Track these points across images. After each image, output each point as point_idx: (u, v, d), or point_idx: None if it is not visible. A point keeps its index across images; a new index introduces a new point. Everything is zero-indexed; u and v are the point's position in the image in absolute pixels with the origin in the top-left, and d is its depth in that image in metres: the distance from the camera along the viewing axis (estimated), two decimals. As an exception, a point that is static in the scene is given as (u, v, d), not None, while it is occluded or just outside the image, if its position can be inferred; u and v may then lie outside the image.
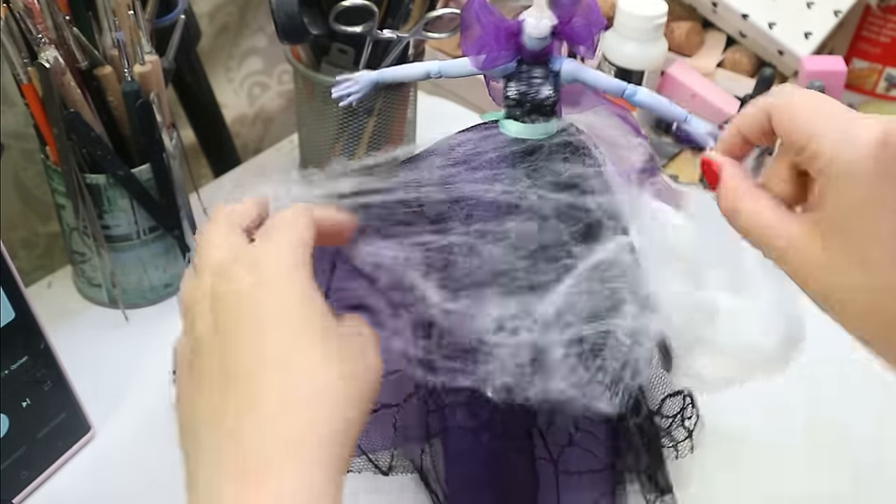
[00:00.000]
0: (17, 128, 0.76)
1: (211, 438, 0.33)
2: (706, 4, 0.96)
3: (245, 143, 1.06)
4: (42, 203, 0.82)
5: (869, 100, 1.06)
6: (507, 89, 0.45)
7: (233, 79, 1.03)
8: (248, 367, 0.33)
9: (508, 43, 0.43)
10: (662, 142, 0.96)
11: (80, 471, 0.53)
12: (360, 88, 0.48)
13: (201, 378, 0.35)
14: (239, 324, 0.35)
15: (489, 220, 0.43)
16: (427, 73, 0.47)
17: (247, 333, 0.34)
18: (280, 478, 0.31)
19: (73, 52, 0.55)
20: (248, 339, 0.34)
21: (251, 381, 0.33)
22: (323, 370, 0.34)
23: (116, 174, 0.58)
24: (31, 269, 0.84)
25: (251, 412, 0.33)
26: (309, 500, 0.31)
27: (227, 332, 0.35)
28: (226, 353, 0.34)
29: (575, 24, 0.42)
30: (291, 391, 0.33)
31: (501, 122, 0.46)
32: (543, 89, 0.44)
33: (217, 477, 0.32)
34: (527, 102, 0.44)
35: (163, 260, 0.64)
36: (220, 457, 0.33)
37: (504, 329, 0.40)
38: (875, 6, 1.02)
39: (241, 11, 0.99)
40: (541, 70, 0.44)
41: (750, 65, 0.96)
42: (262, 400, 0.33)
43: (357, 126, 0.72)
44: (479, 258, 0.42)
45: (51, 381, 0.52)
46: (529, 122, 0.45)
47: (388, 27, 0.67)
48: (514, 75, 0.44)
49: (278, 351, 0.34)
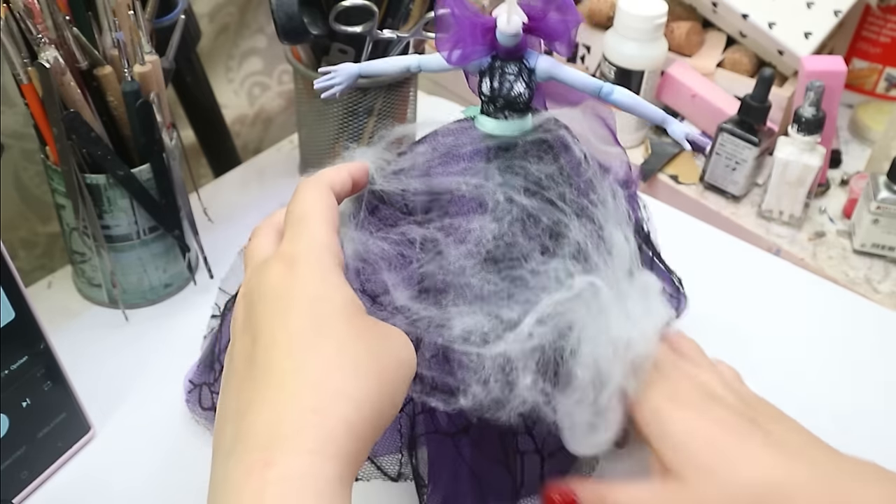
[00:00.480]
0: (17, 128, 0.76)
1: (234, 431, 0.33)
2: (706, 4, 0.96)
3: (245, 143, 1.06)
4: (42, 203, 0.82)
5: (869, 100, 1.06)
6: (481, 85, 0.45)
7: (233, 79, 1.03)
8: (271, 354, 0.33)
9: (483, 39, 0.43)
10: (662, 142, 0.96)
11: (80, 471, 0.53)
12: (342, 80, 0.47)
13: (232, 378, 0.35)
14: (266, 316, 0.34)
15: (457, 215, 0.43)
16: (407, 68, 0.47)
17: (275, 322, 0.34)
18: (287, 460, 0.30)
19: (73, 52, 0.55)
20: (274, 328, 0.34)
21: (272, 364, 0.33)
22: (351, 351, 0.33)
23: (116, 174, 0.58)
24: (31, 269, 0.84)
25: (267, 392, 0.32)
26: (316, 489, 0.30)
27: (257, 326, 0.34)
28: (253, 347, 0.34)
29: (550, 21, 0.42)
30: (310, 373, 0.32)
31: (476, 118, 0.46)
32: (517, 86, 0.44)
33: (228, 459, 0.32)
34: (500, 98, 0.44)
35: (163, 260, 0.64)
36: (235, 441, 0.32)
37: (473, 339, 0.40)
38: (875, 6, 1.02)
39: (241, 11, 0.99)
40: (514, 66, 0.44)
41: (750, 65, 0.96)
42: (279, 383, 0.32)
43: (357, 126, 0.72)
44: (442, 259, 0.42)
45: (51, 381, 0.52)
46: (503, 119, 0.45)
47: (388, 27, 0.67)
48: (487, 71, 0.44)
49: (300, 338, 0.33)
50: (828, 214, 0.89)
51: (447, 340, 0.41)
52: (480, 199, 0.43)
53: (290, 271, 0.35)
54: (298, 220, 0.38)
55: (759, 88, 0.84)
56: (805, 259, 0.83)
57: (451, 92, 0.99)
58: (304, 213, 0.38)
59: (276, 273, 0.36)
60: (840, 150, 0.97)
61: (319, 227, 0.37)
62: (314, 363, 0.32)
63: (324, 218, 0.38)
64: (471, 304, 0.41)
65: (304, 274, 0.35)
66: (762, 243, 0.84)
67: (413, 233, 0.43)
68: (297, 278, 0.35)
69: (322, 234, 0.37)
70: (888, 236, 0.82)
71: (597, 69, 0.99)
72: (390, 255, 0.43)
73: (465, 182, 0.43)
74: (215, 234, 0.70)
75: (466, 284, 0.41)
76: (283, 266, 0.36)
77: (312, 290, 0.35)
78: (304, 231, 0.37)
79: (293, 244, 0.37)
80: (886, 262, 0.83)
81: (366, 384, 0.33)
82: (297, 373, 0.32)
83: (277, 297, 0.35)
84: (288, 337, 0.33)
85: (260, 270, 0.37)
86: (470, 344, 0.40)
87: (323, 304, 0.34)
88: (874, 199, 0.80)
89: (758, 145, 0.85)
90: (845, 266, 0.83)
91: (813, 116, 0.80)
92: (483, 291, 0.41)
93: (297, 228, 0.38)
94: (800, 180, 0.83)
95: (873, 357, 0.64)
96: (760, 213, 0.87)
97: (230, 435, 0.33)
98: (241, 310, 0.37)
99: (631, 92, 0.46)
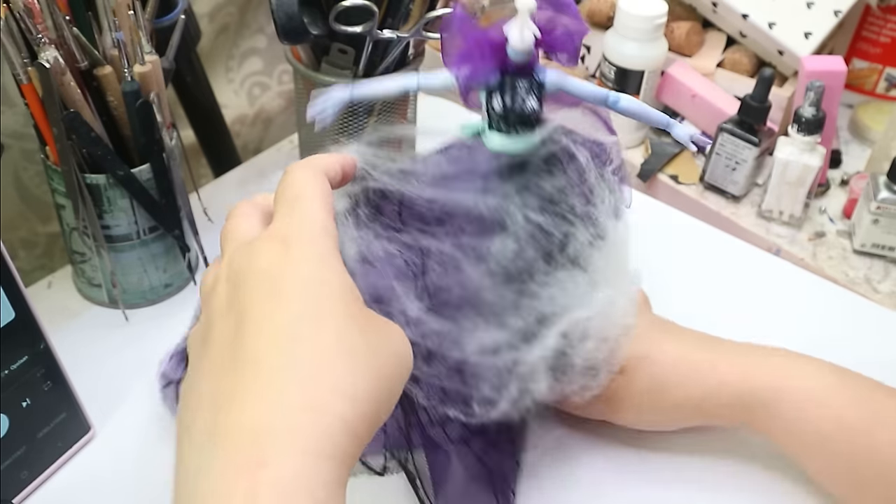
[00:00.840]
0: (17, 128, 0.76)
1: (211, 420, 0.30)
2: (706, 4, 0.96)
3: (245, 143, 1.06)
4: (42, 203, 0.82)
5: (869, 100, 1.06)
6: (491, 102, 0.43)
7: (233, 79, 1.03)
8: (259, 341, 0.31)
9: (493, 56, 0.42)
10: (662, 142, 0.96)
11: (80, 471, 0.53)
12: (332, 105, 0.46)
13: (209, 363, 0.32)
14: (255, 300, 0.32)
15: (474, 235, 0.42)
16: (405, 89, 0.46)
17: (265, 307, 0.31)
18: (281, 461, 0.28)
19: (73, 52, 0.55)
20: (264, 313, 0.31)
21: (261, 353, 0.30)
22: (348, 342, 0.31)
23: (116, 174, 0.58)
24: (31, 269, 0.84)
25: (254, 384, 0.30)
26: (311, 491, 0.28)
27: (245, 310, 0.32)
28: (238, 331, 0.32)
29: (557, 33, 0.42)
30: (304, 366, 0.30)
31: (484, 135, 0.44)
32: (529, 101, 0.43)
33: (204, 452, 0.30)
34: (512, 115, 0.43)
35: (163, 260, 0.64)
36: (213, 434, 0.30)
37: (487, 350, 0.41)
38: (875, 6, 1.02)
39: (241, 11, 0.99)
40: (525, 82, 0.43)
41: (750, 65, 0.96)
42: (268, 376, 0.30)
43: (357, 126, 0.72)
44: (459, 275, 0.42)
45: (51, 381, 0.52)
46: (514, 135, 0.44)
47: (388, 27, 0.67)
48: (497, 88, 0.43)
49: (293, 325, 0.31)
50: (828, 214, 0.89)
51: (466, 354, 0.41)
52: (500, 220, 0.42)
53: (284, 252, 0.33)
54: (293, 200, 0.35)
55: (759, 88, 0.84)
56: (805, 259, 0.83)
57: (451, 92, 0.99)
58: (298, 193, 0.36)
59: (269, 253, 0.33)
60: (840, 150, 0.97)
61: (316, 207, 0.35)
62: (308, 354, 0.30)
63: (320, 199, 0.36)
64: (488, 319, 0.41)
65: (300, 255, 0.33)
66: (762, 243, 0.84)
67: (425, 242, 0.43)
68: (291, 260, 0.32)
69: (319, 214, 0.35)
70: (888, 236, 0.82)
71: (597, 69, 0.99)
72: (398, 261, 0.42)
73: (483, 201, 0.43)
74: (215, 234, 0.70)
75: (485, 301, 0.41)
76: (277, 246, 0.33)
77: (308, 273, 0.32)
78: (300, 210, 0.35)
79: (287, 224, 0.34)
80: (886, 262, 0.83)
81: (363, 380, 0.31)
82: (289, 364, 0.30)
83: (269, 278, 0.32)
84: (280, 324, 0.31)
85: (248, 250, 0.34)
86: (488, 356, 0.40)
87: (320, 289, 0.32)
88: (874, 200, 0.80)
89: (758, 145, 0.85)
90: (845, 266, 0.83)
91: (813, 116, 0.80)
92: (501, 307, 0.41)
93: (290, 207, 0.35)
94: (800, 180, 0.83)
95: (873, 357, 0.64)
96: (760, 213, 0.87)
97: (204, 425, 0.30)
98: (223, 290, 0.34)
99: (636, 98, 0.46)
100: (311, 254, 0.33)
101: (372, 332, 0.32)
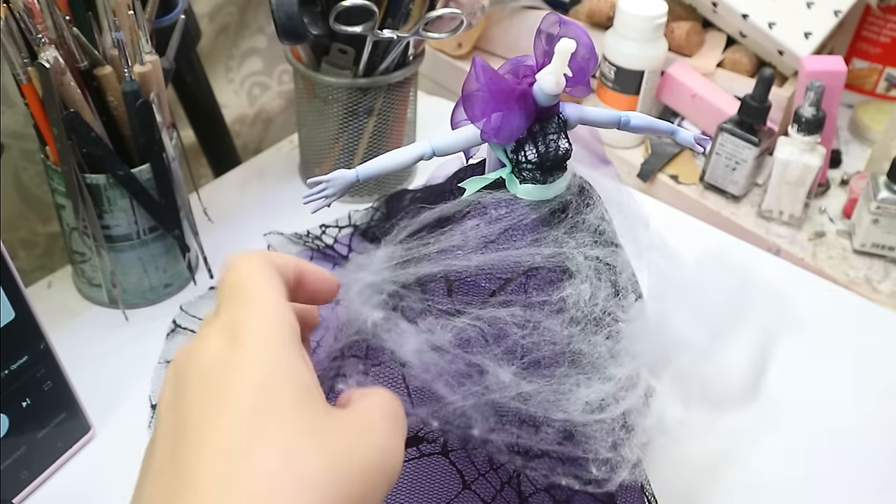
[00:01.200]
0: (17, 128, 0.76)
1: None
2: (706, 4, 0.96)
3: (245, 143, 1.06)
4: (42, 203, 0.82)
5: (869, 100, 1.06)
6: (524, 153, 0.40)
7: (233, 79, 1.03)
8: (200, 457, 0.26)
9: (524, 107, 0.40)
10: (662, 142, 0.96)
11: (80, 471, 0.53)
12: (336, 191, 0.42)
13: (155, 468, 0.28)
14: (196, 404, 0.28)
15: (541, 290, 0.40)
16: (419, 157, 0.42)
17: (207, 413, 0.27)
18: None
19: (73, 52, 0.55)
20: (205, 420, 0.27)
21: (200, 466, 0.26)
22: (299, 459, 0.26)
23: (116, 174, 0.58)
24: (31, 269, 0.84)
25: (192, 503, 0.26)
26: None
27: (185, 414, 0.28)
28: (180, 440, 0.28)
29: (575, 68, 0.39)
30: (245, 487, 0.26)
31: (515, 189, 0.42)
32: (562, 143, 0.41)
33: None
34: (549, 161, 0.40)
35: (163, 260, 0.64)
36: None
37: (594, 408, 0.38)
38: (875, 6, 1.02)
39: (241, 11, 0.99)
40: (553, 124, 0.41)
41: (750, 65, 0.96)
42: (206, 492, 0.26)
43: (357, 126, 0.72)
44: (544, 332, 0.39)
45: (51, 381, 0.52)
46: (550, 182, 0.41)
47: (388, 27, 0.67)
48: (528, 137, 0.40)
49: (236, 440, 0.26)
50: (828, 214, 0.89)
51: (571, 414, 0.38)
52: (563, 267, 0.40)
53: (231, 348, 0.28)
54: (238, 286, 0.31)
55: (759, 88, 0.84)
56: (805, 259, 0.83)
57: (451, 92, 0.99)
58: (244, 279, 0.31)
59: (214, 348, 0.28)
60: (840, 150, 0.97)
61: (265, 290, 0.30)
62: (252, 478, 0.26)
63: (269, 282, 0.31)
64: (584, 371, 0.39)
65: (250, 355, 0.28)
66: (762, 243, 0.84)
67: (490, 313, 0.39)
68: (239, 360, 0.28)
69: (270, 297, 0.30)
70: (888, 236, 0.82)
71: (596, 69, 0.99)
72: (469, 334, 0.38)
73: (538, 253, 0.40)
74: (215, 234, 0.70)
75: (579, 352, 0.39)
76: (223, 338, 0.29)
77: (258, 378, 0.28)
78: (247, 295, 0.30)
79: (238, 312, 0.30)
80: (886, 262, 0.83)
81: (328, 480, 0.26)
82: (229, 488, 0.26)
83: (214, 380, 0.28)
84: (221, 437, 0.26)
85: (191, 344, 0.30)
86: (595, 412, 0.38)
87: (272, 397, 0.27)
88: (874, 199, 0.80)
89: (758, 145, 0.85)
90: (845, 266, 0.83)
91: (813, 116, 0.80)
92: (594, 356, 0.39)
93: (237, 293, 0.30)
94: (800, 180, 0.83)
95: (873, 357, 0.64)
96: (760, 213, 0.87)
97: None
98: (168, 385, 0.30)
99: (643, 114, 0.45)
100: (264, 352, 0.29)
101: (336, 438, 0.28)
